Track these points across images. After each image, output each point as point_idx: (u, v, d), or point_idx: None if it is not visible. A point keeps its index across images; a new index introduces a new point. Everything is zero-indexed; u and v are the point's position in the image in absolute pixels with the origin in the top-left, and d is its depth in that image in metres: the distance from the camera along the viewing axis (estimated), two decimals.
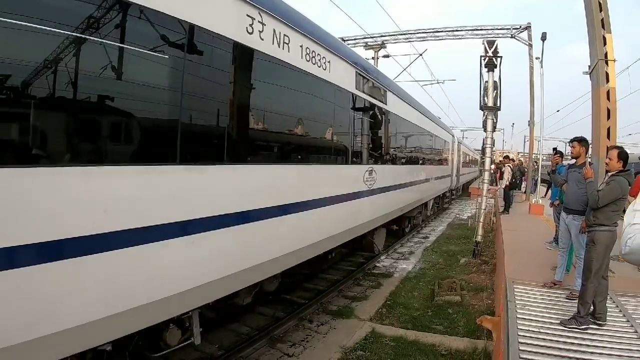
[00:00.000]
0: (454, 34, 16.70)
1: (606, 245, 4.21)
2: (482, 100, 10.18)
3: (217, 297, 3.83)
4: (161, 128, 3.28)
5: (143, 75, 3.06)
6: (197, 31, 3.33)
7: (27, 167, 2.35)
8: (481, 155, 16.38)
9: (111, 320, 2.74)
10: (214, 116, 3.73)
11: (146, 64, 3.04)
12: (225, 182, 3.82)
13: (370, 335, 5.89)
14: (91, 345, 2.74)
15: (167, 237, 3.12)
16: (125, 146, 2.98)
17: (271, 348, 5.49)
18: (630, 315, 4.59)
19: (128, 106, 2.96)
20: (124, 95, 2.89)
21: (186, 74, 3.28)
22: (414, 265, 10.13)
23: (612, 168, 4.36)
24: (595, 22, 7.49)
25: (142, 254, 2.92)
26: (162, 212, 3.09)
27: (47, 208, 2.39)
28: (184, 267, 3.35)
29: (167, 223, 3.12)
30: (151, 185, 3.03)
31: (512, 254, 7.13)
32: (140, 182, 2.96)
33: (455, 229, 15.89)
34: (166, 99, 3.26)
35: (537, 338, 4.01)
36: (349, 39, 17.34)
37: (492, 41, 9.97)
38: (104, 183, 2.70)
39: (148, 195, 3.00)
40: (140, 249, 2.89)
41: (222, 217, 3.71)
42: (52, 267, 2.39)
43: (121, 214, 2.79)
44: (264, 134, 4.60)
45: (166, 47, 3.14)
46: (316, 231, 5.57)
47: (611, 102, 7.51)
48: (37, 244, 2.33)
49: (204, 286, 3.54)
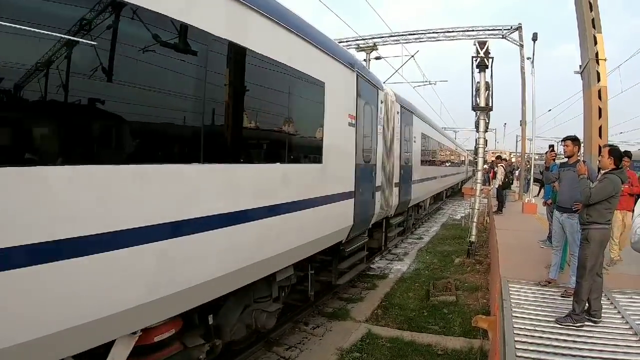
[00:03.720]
0: (445, 35, 16.80)
1: (600, 242, 4.24)
2: (474, 101, 10.22)
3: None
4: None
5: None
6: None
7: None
8: (474, 156, 16.27)
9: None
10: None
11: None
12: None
13: (367, 336, 5.86)
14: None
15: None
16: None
17: (267, 351, 5.44)
18: (625, 312, 4.61)
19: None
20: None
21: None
22: (409, 266, 10.12)
23: (604, 166, 4.39)
24: (586, 22, 7.57)
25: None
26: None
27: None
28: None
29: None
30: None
31: (507, 253, 7.15)
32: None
33: (449, 229, 15.94)
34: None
35: (532, 336, 4.01)
36: (341, 41, 17.36)
37: (483, 42, 10.03)
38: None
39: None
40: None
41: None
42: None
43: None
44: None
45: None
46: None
47: (602, 101, 7.58)
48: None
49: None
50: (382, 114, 8.55)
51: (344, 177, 6.38)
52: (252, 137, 4.29)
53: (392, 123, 9.57)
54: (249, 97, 4.05)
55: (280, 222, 4.50)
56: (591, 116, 7.61)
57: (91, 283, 2.59)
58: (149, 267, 2.96)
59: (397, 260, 10.82)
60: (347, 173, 6.53)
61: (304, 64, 4.94)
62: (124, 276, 2.80)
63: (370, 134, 7.65)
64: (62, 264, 2.40)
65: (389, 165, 9.30)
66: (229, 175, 3.78)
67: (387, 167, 9.03)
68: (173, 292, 3.16)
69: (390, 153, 9.42)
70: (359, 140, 6.85)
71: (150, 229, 2.92)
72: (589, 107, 7.77)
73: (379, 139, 8.31)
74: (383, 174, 8.62)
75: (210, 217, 3.49)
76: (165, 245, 3.05)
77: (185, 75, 3.35)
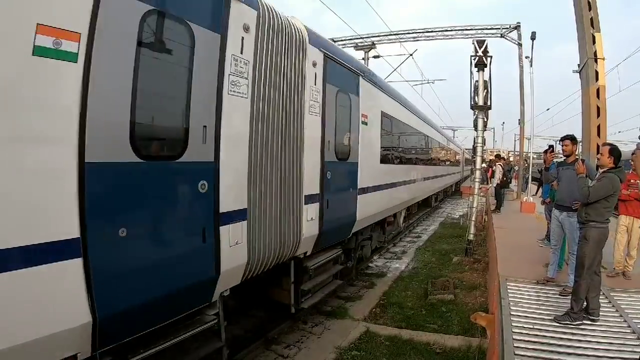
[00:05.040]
0: (444, 34, 16.76)
1: (598, 241, 4.24)
2: (473, 100, 10.23)
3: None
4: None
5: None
6: None
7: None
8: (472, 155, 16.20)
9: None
10: None
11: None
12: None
13: (365, 335, 5.87)
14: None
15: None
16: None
17: (266, 349, 5.44)
18: (623, 310, 4.62)
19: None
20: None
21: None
22: (407, 265, 10.14)
23: (603, 164, 4.40)
24: (585, 21, 7.58)
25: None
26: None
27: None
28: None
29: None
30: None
31: (505, 251, 7.15)
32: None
33: (447, 228, 15.96)
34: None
35: (531, 334, 4.02)
36: (339, 40, 17.33)
37: (482, 41, 10.02)
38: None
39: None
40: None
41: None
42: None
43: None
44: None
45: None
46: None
47: (601, 100, 7.60)
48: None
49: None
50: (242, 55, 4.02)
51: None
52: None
53: (288, 79, 4.81)
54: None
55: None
56: (589, 115, 7.63)
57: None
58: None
59: (396, 258, 10.83)
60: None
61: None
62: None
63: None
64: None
65: (286, 162, 4.85)
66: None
67: (271, 166, 4.56)
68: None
69: (288, 140, 4.87)
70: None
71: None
72: (588, 106, 7.78)
73: (227, 105, 3.81)
74: (257, 182, 4.30)
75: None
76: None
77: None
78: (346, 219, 6.64)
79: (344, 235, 6.87)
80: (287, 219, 4.86)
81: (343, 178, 6.46)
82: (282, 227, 4.75)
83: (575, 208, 4.79)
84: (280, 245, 4.76)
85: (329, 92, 5.67)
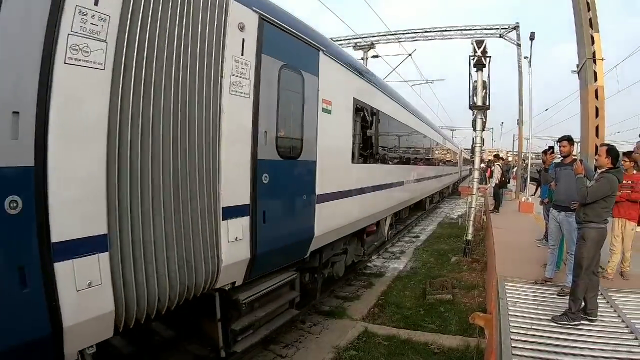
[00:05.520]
0: (442, 34, 16.76)
1: (596, 241, 4.24)
2: (472, 100, 10.23)
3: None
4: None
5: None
6: None
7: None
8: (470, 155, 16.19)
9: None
10: None
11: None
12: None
13: (363, 334, 5.86)
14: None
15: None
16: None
17: (264, 349, 5.43)
18: (621, 310, 4.63)
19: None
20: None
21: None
22: (405, 265, 10.15)
23: (601, 165, 4.40)
24: (584, 22, 7.59)
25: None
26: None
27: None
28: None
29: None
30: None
31: (503, 251, 7.16)
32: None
33: (445, 228, 15.98)
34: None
35: (529, 334, 4.02)
36: (338, 39, 17.33)
37: (480, 41, 10.04)
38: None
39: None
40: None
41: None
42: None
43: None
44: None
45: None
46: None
47: (599, 100, 7.61)
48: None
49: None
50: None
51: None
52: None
53: (191, 44, 3.42)
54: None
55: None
56: (588, 115, 7.64)
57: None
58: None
59: (394, 258, 10.83)
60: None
61: None
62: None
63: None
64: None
65: (186, 162, 3.52)
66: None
67: (157, 169, 3.21)
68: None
69: (189, 129, 3.49)
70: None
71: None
72: (586, 107, 7.79)
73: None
74: (129, 193, 2.98)
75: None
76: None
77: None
78: (298, 236, 5.09)
79: (296, 256, 5.28)
80: (190, 242, 3.48)
81: (291, 182, 4.97)
82: (180, 253, 3.37)
83: (573, 208, 4.80)
84: (181, 278, 3.41)
85: (267, 66, 4.35)
